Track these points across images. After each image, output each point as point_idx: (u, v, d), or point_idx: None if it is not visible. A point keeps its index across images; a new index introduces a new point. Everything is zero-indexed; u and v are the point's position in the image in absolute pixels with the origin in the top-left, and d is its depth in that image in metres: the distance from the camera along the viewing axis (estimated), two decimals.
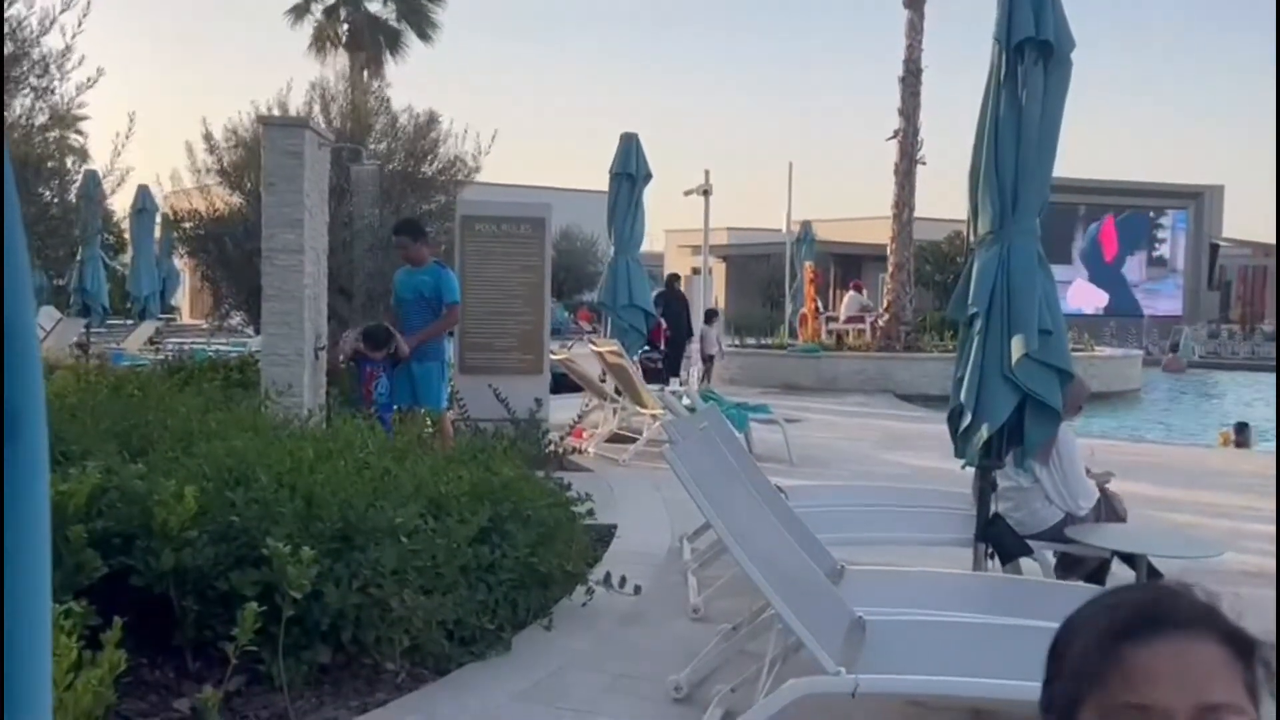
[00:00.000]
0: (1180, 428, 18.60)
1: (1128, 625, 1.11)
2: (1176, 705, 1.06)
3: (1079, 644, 1.14)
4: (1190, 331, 35.15)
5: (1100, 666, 1.10)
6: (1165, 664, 1.08)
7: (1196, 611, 1.13)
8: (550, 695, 4.48)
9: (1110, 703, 1.09)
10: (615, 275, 12.18)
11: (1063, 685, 1.15)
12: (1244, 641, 1.12)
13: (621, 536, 7.14)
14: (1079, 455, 5.78)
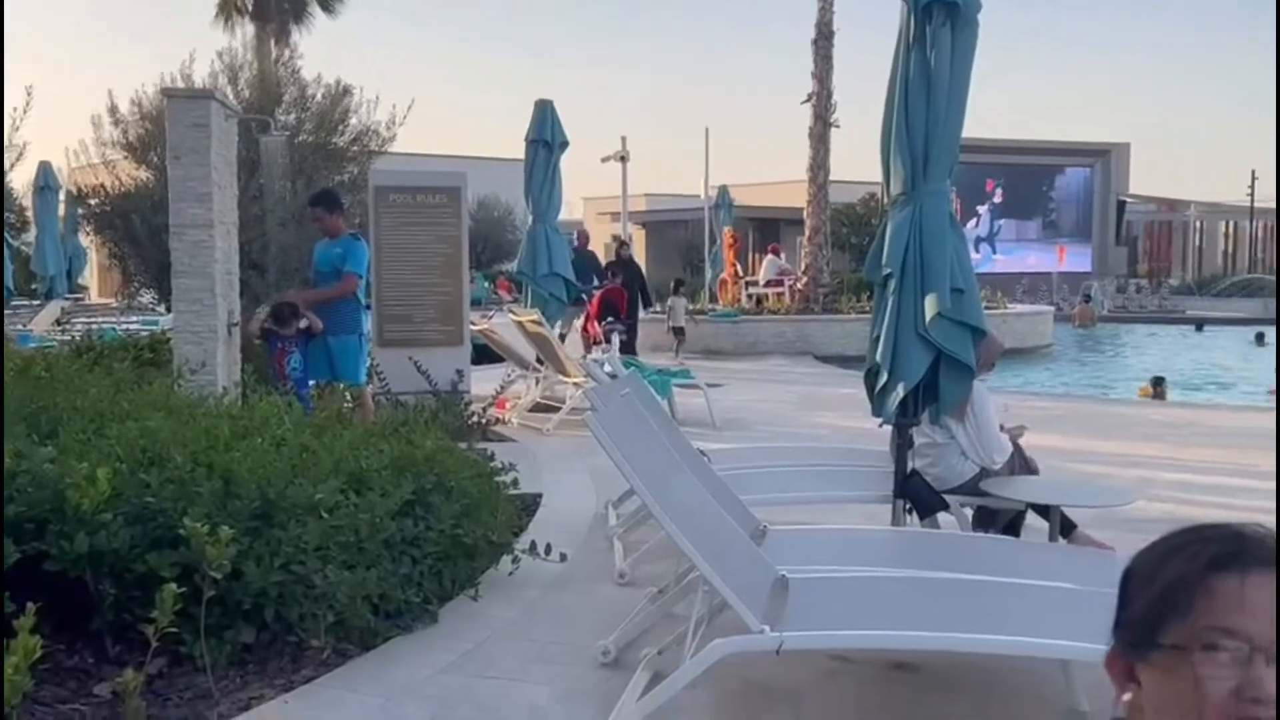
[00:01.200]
0: (1094, 382, 19.05)
1: (1219, 558, 1.18)
2: (1259, 634, 1.14)
3: (1169, 571, 1.19)
4: (1100, 286, 35.97)
5: (1189, 593, 1.16)
6: (1252, 595, 1.15)
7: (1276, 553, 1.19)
8: (478, 665, 4.48)
9: (1199, 625, 1.15)
10: (534, 244, 12.12)
11: (1144, 607, 1.20)
12: None
13: (547, 505, 7.14)
14: (993, 411, 5.90)
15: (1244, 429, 11.05)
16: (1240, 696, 1.12)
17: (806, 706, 4.15)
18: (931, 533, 5.61)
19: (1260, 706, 1.12)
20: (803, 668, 4.38)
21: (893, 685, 4.38)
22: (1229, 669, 1.13)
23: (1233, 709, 1.12)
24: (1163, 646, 1.16)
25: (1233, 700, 1.12)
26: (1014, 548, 5.33)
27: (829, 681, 4.36)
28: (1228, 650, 1.13)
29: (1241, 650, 1.13)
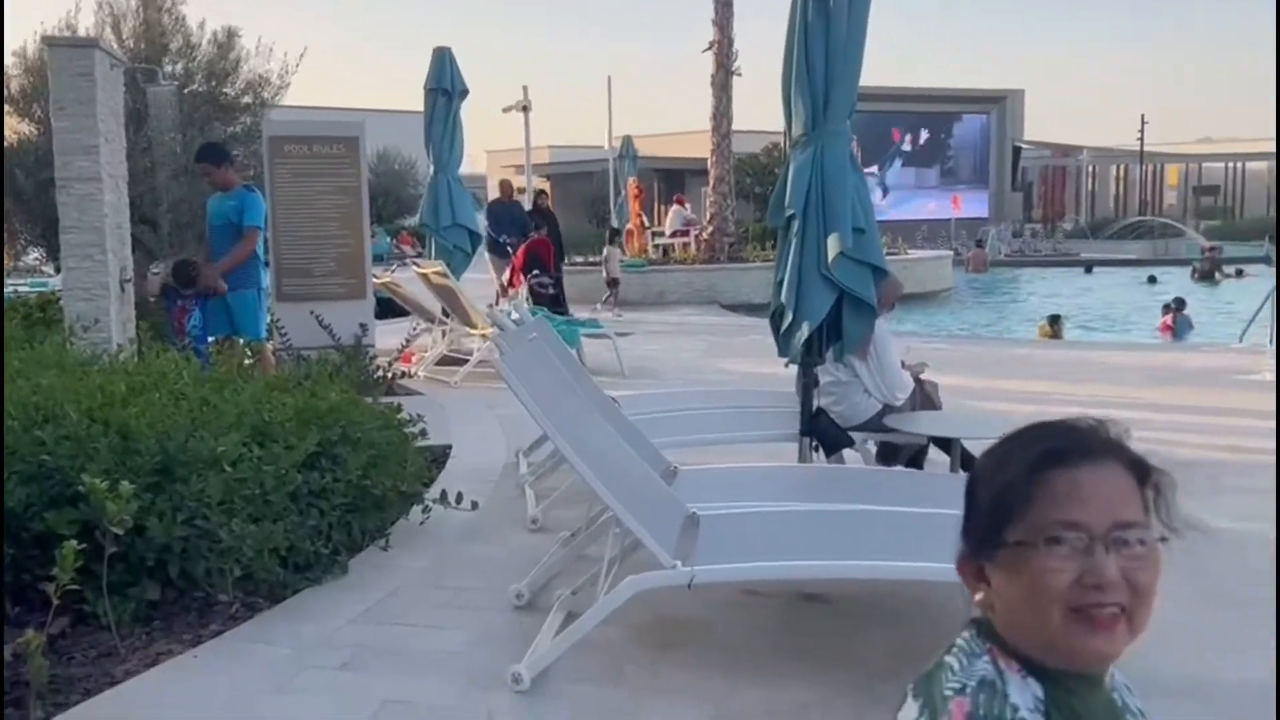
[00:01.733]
0: (993, 324, 19.47)
1: (1055, 454, 1.21)
2: (1097, 521, 1.18)
3: (1008, 471, 1.23)
4: (996, 231, 36.68)
5: (1029, 489, 1.20)
6: (1087, 487, 1.20)
7: (1109, 443, 1.25)
8: (391, 614, 4.46)
9: (1039, 520, 1.19)
10: (436, 195, 11.94)
11: (989, 507, 1.23)
12: (1143, 468, 1.25)
13: (457, 456, 7.11)
14: (894, 349, 6.00)
15: (1135, 365, 11.40)
16: (1082, 584, 1.17)
17: (719, 639, 4.21)
18: (837, 468, 5.70)
19: (1102, 592, 1.17)
20: (715, 602, 4.44)
21: (803, 616, 4.46)
22: (1070, 559, 1.17)
23: (1077, 597, 1.17)
24: (1007, 544, 1.19)
25: (1076, 588, 1.17)
26: (917, 479, 5.44)
27: (741, 614, 4.43)
28: (1068, 542, 1.17)
29: (1081, 540, 1.17)
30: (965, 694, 1.18)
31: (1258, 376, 10.48)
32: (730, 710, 3.61)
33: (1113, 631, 1.18)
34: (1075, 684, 1.22)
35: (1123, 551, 1.17)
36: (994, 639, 1.24)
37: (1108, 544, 1.17)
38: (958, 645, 1.26)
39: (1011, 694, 1.18)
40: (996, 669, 1.21)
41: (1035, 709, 1.18)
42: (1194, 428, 7.79)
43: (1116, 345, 14.85)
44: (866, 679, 3.75)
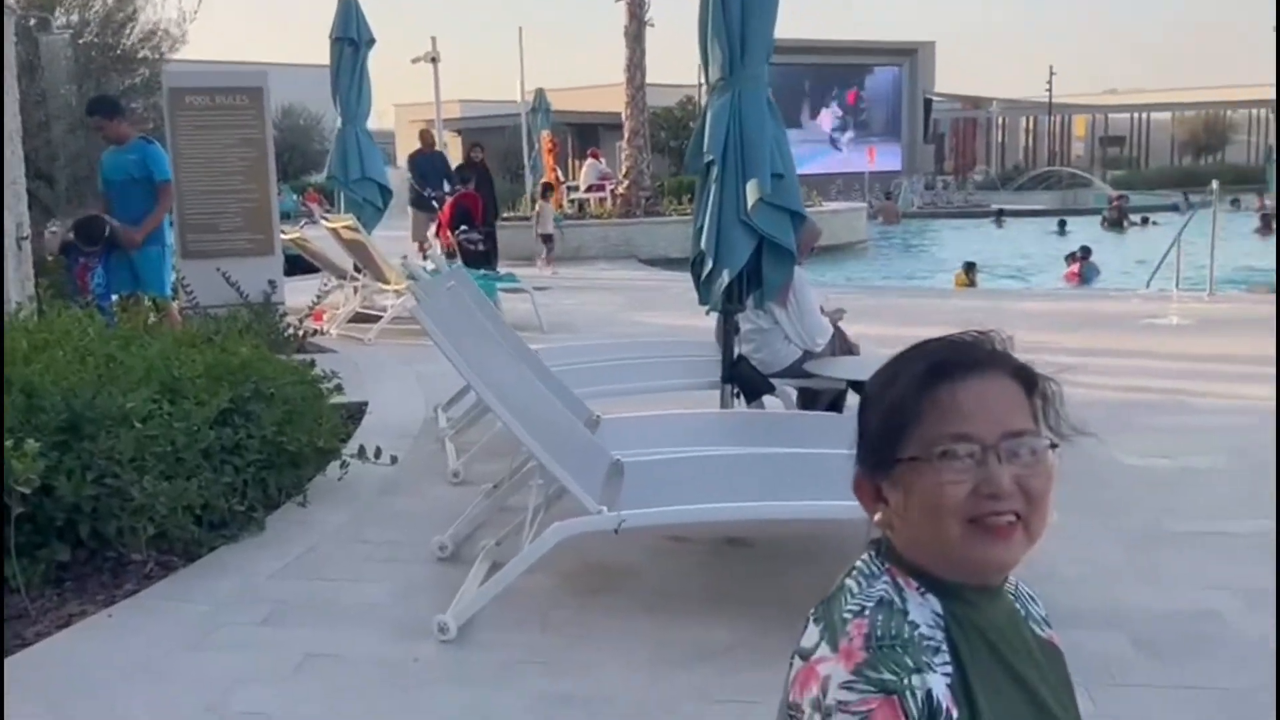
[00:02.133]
0: (909, 274, 19.70)
1: (941, 368, 1.22)
2: (987, 432, 1.18)
3: (897, 389, 1.23)
4: (909, 184, 37.07)
5: (919, 404, 1.20)
6: (976, 398, 1.20)
7: (994, 354, 1.26)
8: (310, 569, 4.38)
9: (930, 434, 1.19)
10: (345, 147, 11.67)
11: (881, 426, 1.23)
12: (1030, 377, 1.25)
13: (373, 412, 7.00)
14: (814, 295, 6.02)
15: (1048, 311, 11.62)
16: (978, 494, 1.17)
17: (646, 584, 4.21)
18: (759, 413, 5.72)
19: (997, 501, 1.17)
20: (640, 548, 4.43)
21: (728, 560, 4.48)
22: (965, 472, 1.17)
23: (973, 507, 1.17)
24: (902, 461, 1.19)
25: (972, 499, 1.17)
26: (837, 422, 5.47)
27: (667, 560, 4.43)
28: (961, 454, 1.17)
29: (974, 451, 1.17)
30: (864, 615, 1.18)
31: (1164, 320, 10.74)
32: (658, 653, 3.61)
33: (1010, 540, 1.19)
34: (975, 597, 1.22)
35: (1015, 460, 1.18)
36: (892, 559, 1.24)
37: (1000, 454, 1.18)
38: (856, 568, 1.26)
39: (911, 611, 1.19)
40: (895, 588, 1.21)
41: (935, 625, 1.19)
42: (1105, 370, 7.95)
43: (1030, 293, 15.12)
44: (790, 618, 3.73)
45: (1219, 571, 4.24)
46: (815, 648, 1.18)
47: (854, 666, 1.13)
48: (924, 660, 1.15)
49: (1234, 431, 6.33)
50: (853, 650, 1.15)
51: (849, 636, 1.16)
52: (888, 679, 1.12)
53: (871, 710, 1.10)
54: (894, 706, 1.11)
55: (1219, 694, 3.30)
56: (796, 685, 1.18)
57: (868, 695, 1.11)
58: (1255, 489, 5.27)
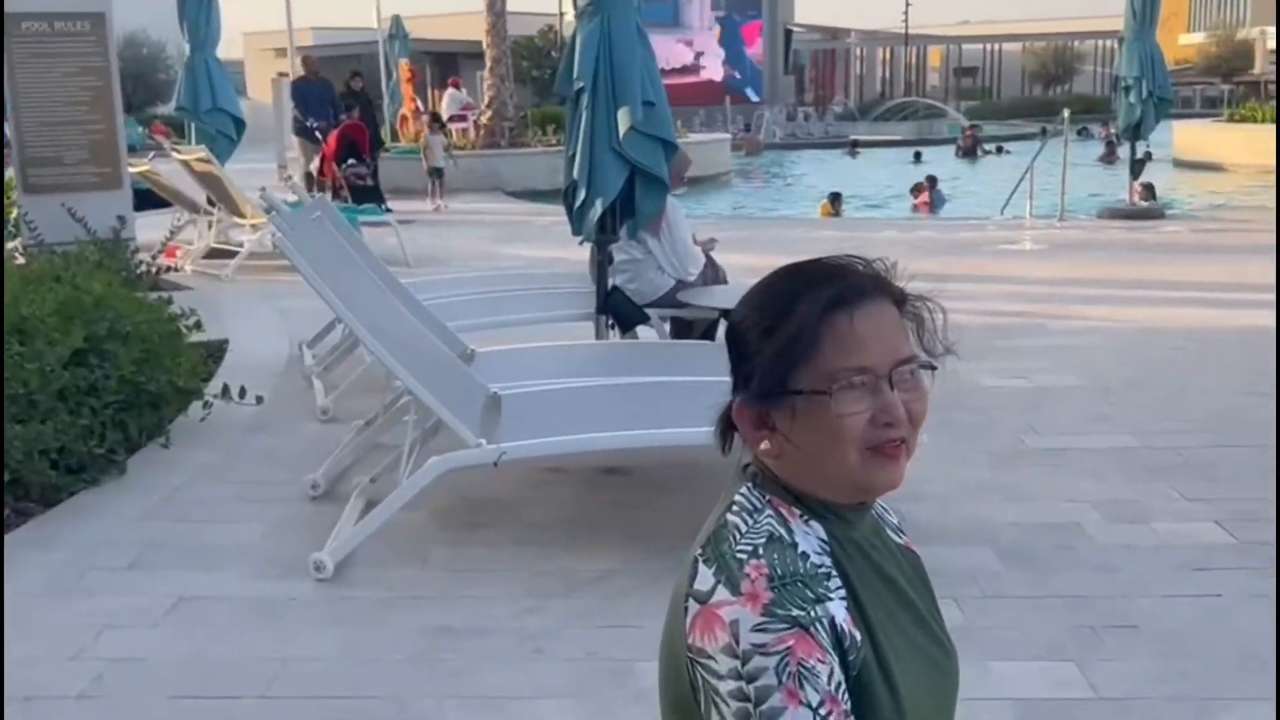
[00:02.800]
0: (773, 205, 19.86)
1: (836, 298, 1.20)
2: (882, 362, 1.19)
3: (790, 321, 1.20)
4: (770, 114, 37.28)
5: (815, 338, 1.19)
6: (871, 328, 1.20)
7: (881, 281, 1.25)
8: (178, 511, 4.25)
9: (830, 366, 1.18)
10: (194, 76, 11.15)
11: (772, 355, 1.21)
12: (904, 299, 1.26)
13: (235, 350, 6.79)
14: (686, 225, 6.03)
15: (907, 239, 11.88)
16: (876, 423, 1.18)
17: (525, 516, 4.20)
18: (634, 343, 5.72)
19: (893, 429, 1.19)
20: (519, 481, 4.42)
21: (606, 489, 4.50)
22: (863, 401, 1.18)
23: (871, 435, 1.19)
24: (798, 392, 1.19)
25: (870, 428, 1.18)
26: (711, 351, 5.51)
27: (545, 492, 4.42)
28: (858, 385, 1.18)
29: (869, 381, 1.18)
30: (759, 555, 1.17)
31: (1018, 246, 11.09)
32: (538, 583, 3.61)
33: (899, 461, 1.21)
34: (851, 515, 1.25)
35: (902, 385, 1.20)
36: (771, 488, 1.25)
37: (891, 381, 1.19)
38: (737, 502, 1.25)
39: (800, 542, 1.20)
40: (780, 520, 1.21)
41: (821, 551, 1.20)
42: (964, 295, 8.16)
43: (891, 222, 15.40)
44: (668, 544, 3.80)
45: (1077, 486, 4.42)
46: (712, 591, 1.16)
47: (762, 608, 1.13)
48: (822, 589, 1.16)
49: (1086, 351, 6.59)
50: (757, 592, 1.14)
51: (749, 578, 1.15)
52: (797, 614, 1.13)
53: (790, 645, 1.10)
54: (809, 637, 1.11)
55: (1080, 601, 3.45)
56: (696, 630, 1.16)
57: (782, 633, 1.11)
58: (1107, 407, 5.50)
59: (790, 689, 1.09)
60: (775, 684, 1.09)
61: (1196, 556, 3.75)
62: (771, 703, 1.09)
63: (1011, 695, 2.92)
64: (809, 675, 1.10)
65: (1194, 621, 3.32)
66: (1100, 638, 3.22)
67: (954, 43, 60.56)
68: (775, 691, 1.09)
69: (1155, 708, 2.88)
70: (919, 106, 43.36)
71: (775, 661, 1.10)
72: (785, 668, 1.10)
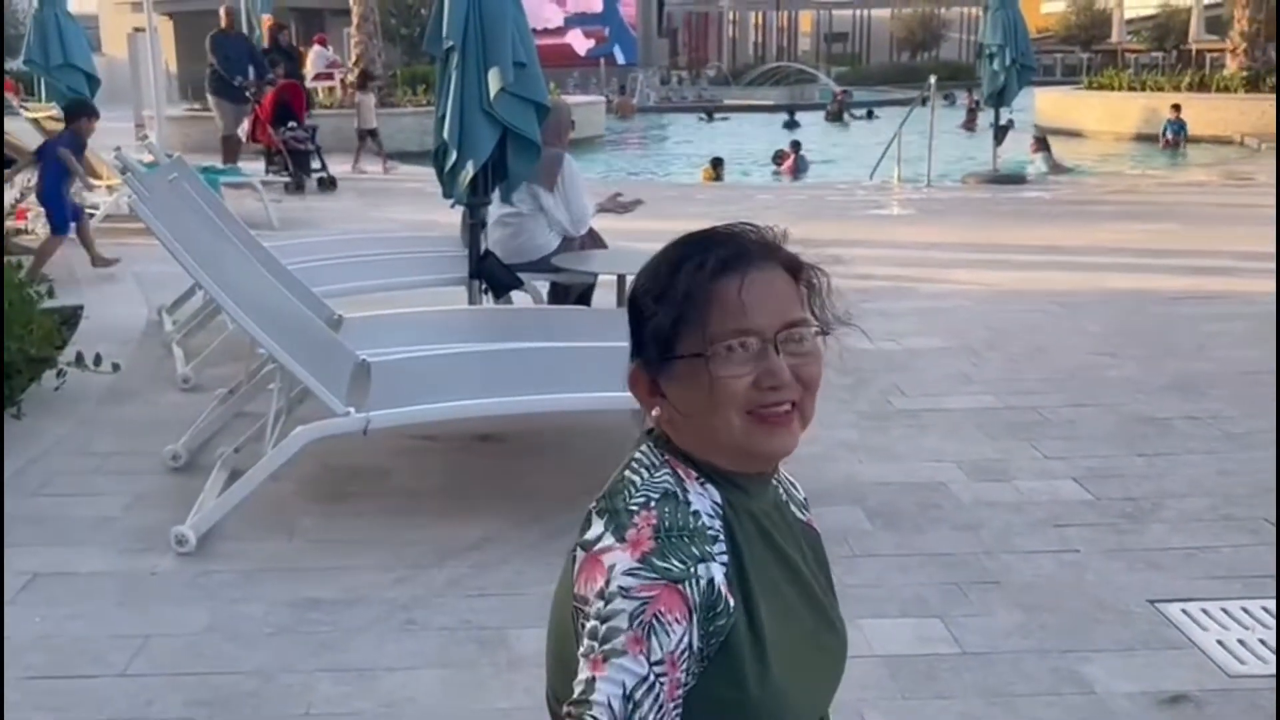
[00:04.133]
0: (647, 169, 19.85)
1: (723, 263, 1.21)
2: (767, 326, 1.19)
3: (677, 285, 1.21)
4: (644, 78, 37.21)
5: (699, 303, 1.19)
6: (756, 292, 1.20)
7: (768, 245, 1.26)
8: (33, 484, 4.08)
9: (713, 330, 1.19)
10: (44, 30, 10.64)
11: (660, 321, 1.21)
12: (797, 266, 1.27)
13: (90, 317, 6.54)
14: (582, 181, 6.00)
15: (781, 203, 12.01)
16: (759, 387, 1.19)
17: (396, 485, 4.14)
18: (507, 309, 5.65)
19: (777, 392, 1.20)
20: (389, 449, 4.34)
21: (479, 456, 4.45)
22: (745, 364, 1.19)
23: (754, 399, 1.19)
24: (683, 357, 1.20)
25: (753, 391, 1.19)
26: (586, 316, 5.50)
27: (417, 459, 4.36)
28: (742, 349, 1.19)
29: (754, 344, 1.19)
30: (650, 507, 1.18)
31: (886, 211, 11.30)
32: (409, 553, 3.56)
33: (789, 428, 1.22)
34: (749, 484, 1.25)
35: (791, 350, 1.20)
36: (671, 450, 1.25)
37: (777, 345, 1.19)
38: (636, 459, 1.25)
39: (693, 502, 1.20)
40: (676, 479, 1.22)
41: (714, 514, 1.20)
42: (832, 259, 8.26)
43: (766, 186, 15.54)
44: (542, 511, 3.79)
45: (942, 446, 4.53)
46: (599, 539, 1.17)
47: (640, 555, 1.13)
48: (707, 550, 1.16)
49: (951, 314, 6.75)
50: (640, 539, 1.14)
51: (636, 527, 1.16)
52: (674, 567, 1.13)
53: (655, 596, 1.10)
54: (677, 594, 1.11)
55: (946, 558, 3.54)
56: (581, 578, 1.16)
57: (651, 581, 1.11)
58: (970, 368, 5.65)
59: (637, 635, 1.09)
60: (625, 626, 1.10)
61: (1056, 513, 3.87)
62: (614, 643, 1.09)
63: (882, 652, 2.98)
64: (660, 629, 1.10)
65: (1054, 576, 3.43)
66: (965, 593, 3.31)
67: (825, 8, 61.13)
68: (622, 634, 1.09)
69: (1019, 660, 2.97)
70: (790, 71, 43.71)
71: (634, 606, 1.10)
72: (640, 614, 1.10)
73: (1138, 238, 9.38)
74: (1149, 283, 7.54)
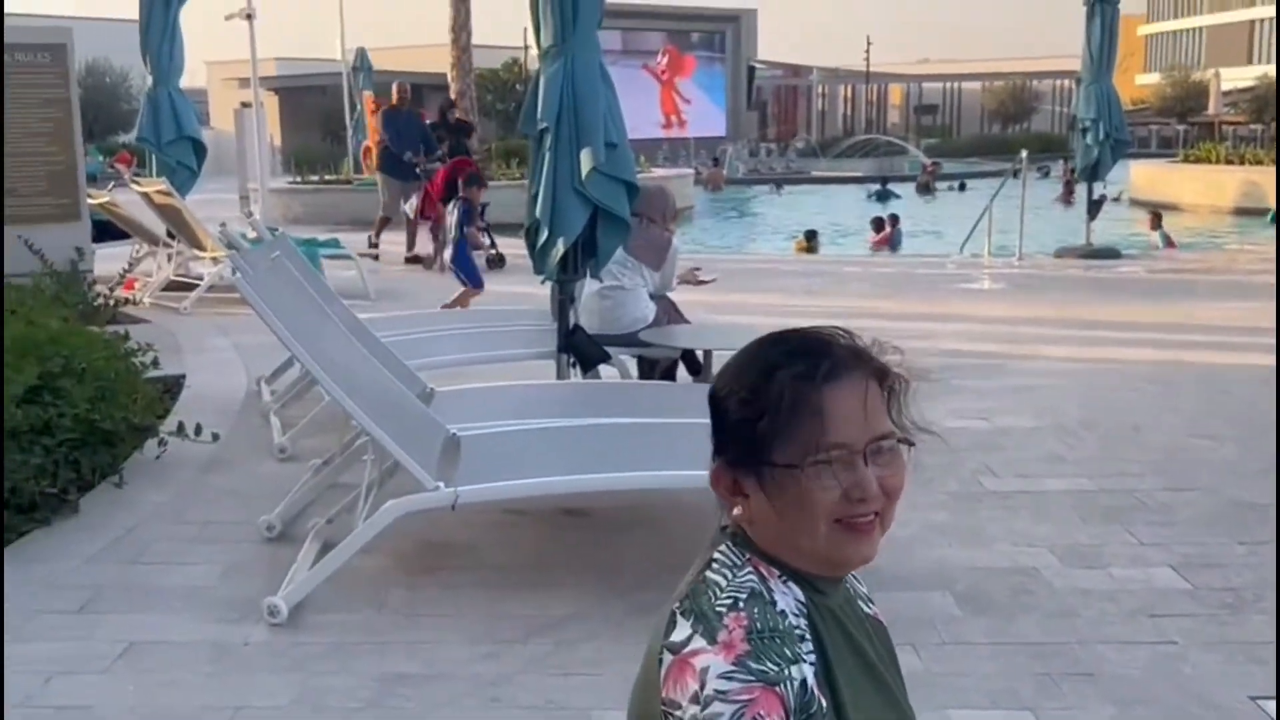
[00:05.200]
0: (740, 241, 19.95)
1: (814, 372, 1.21)
2: (858, 438, 1.20)
3: (769, 392, 1.21)
4: (733, 150, 37.54)
5: (794, 410, 1.20)
6: (849, 405, 1.21)
7: (860, 354, 1.26)
8: (131, 552, 4.19)
9: (806, 441, 1.19)
10: (157, 108, 11.08)
11: (749, 425, 1.21)
12: (885, 373, 1.27)
13: (192, 386, 6.72)
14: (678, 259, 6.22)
15: (868, 275, 11.97)
16: (848, 498, 1.20)
17: (483, 559, 4.17)
18: (594, 383, 5.71)
19: (865, 504, 1.21)
20: (477, 523, 4.38)
21: (565, 531, 4.47)
22: (835, 476, 1.20)
23: (842, 510, 1.21)
24: (775, 465, 1.20)
25: (842, 503, 1.20)
26: (671, 391, 5.53)
27: (503, 533, 4.39)
28: (832, 461, 1.19)
29: (845, 456, 1.19)
30: (740, 609, 1.19)
31: (977, 285, 11.20)
32: (495, 629, 3.57)
33: (871, 536, 1.23)
34: (824, 585, 1.26)
35: (878, 460, 1.21)
36: (751, 549, 1.25)
37: (866, 457, 1.20)
38: (718, 560, 1.26)
39: (779, 601, 1.21)
40: (760, 579, 1.23)
41: (799, 612, 1.21)
42: (924, 334, 8.23)
43: (854, 258, 15.51)
44: (627, 587, 3.79)
45: (1035, 529, 4.44)
46: (687, 641, 1.17)
47: (735, 658, 1.14)
48: (797, 650, 1.17)
49: (1044, 392, 6.65)
50: (733, 642, 1.15)
51: (727, 629, 1.17)
52: (769, 670, 1.13)
53: (753, 699, 1.11)
54: (775, 696, 1.12)
55: (1038, 647, 3.46)
56: (670, 681, 1.17)
57: (749, 684, 1.12)
58: (1063, 448, 5.55)
59: None
60: None
61: (1152, 602, 3.77)
62: None
63: None
64: None
65: (1149, 669, 3.33)
66: (1057, 685, 3.23)
67: (914, 81, 61.33)
68: None
69: None
70: (879, 143, 43.79)
71: (732, 710, 1.11)
72: (740, 718, 1.10)
73: (1236, 315, 9.17)
74: (1247, 361, 7.36)
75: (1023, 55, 59.94)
